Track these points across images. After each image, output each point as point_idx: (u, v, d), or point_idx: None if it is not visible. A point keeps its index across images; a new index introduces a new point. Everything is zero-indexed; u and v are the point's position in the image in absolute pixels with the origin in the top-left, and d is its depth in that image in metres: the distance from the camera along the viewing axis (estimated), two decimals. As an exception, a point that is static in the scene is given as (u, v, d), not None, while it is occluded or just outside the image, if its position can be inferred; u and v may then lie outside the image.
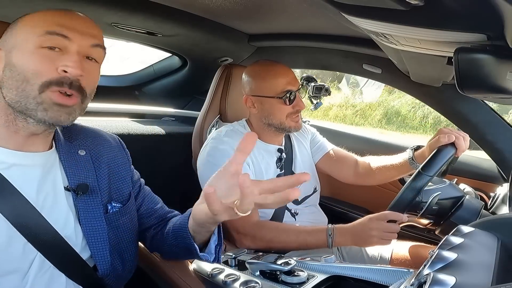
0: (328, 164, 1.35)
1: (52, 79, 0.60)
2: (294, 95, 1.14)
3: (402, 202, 0.97)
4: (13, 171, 0.62)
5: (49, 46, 0.61)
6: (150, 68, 1.99)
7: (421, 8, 0.49)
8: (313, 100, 1.93)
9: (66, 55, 0.61)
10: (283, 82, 1.14)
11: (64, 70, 0.60)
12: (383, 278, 0.73)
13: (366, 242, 1.00)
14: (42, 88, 0.60)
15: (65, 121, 0.63)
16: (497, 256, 0.49)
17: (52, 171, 0.67)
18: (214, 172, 1.09)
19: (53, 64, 0.60)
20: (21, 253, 0.61)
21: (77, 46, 0.62)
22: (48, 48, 0.61)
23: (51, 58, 0.61)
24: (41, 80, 0.60)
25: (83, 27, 0.64)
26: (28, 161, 0.65)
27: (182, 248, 0.74)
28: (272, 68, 1.18)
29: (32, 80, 0.60)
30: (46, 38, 0.60)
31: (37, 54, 0.60)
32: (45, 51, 0.61)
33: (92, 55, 0.66)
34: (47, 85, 0.60)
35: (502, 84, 0.56)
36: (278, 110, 1.15)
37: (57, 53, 0.61)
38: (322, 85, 1.84)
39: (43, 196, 0.65)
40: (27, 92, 0.60)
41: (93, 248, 0.69)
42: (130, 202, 0.78)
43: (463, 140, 1.01)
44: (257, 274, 0.77)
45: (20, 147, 0.64)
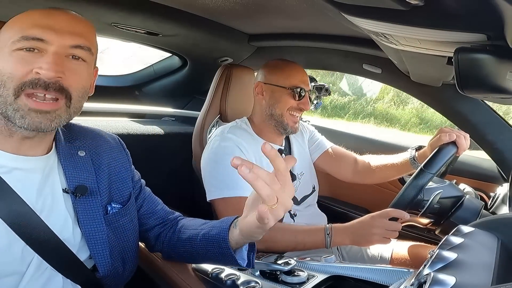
0: (327, 162, 1.35)
1: (26, 81, 0.58)
2: (304, 94, 1.18)
3: (404, 200, 0.96)
4: (14, 175, 0.62)
5: (26, 47, 0.59)
6: (150, 68, 1.99)
7: (421, 8, 0.49)
8: (313, 100, 1.93)
9: (43, 57, 0.59)
10: (297, 79, 1.19)
11: (37, 72, 0.58)
12: (383, 278, 0.73)
13: (367, 241, 0.99)
14: (16, 92, 0.58)
15: (47, 128, 0.60)
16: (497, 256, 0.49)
17: (52, 174, 0.67)
18: (217, 170, 1.10)
19: (28, 66, 0.58)
20: (20, 256, 0.61)
21: (55, 47, 0.59)
22: (25, 50, 0.59)
23: (27, 60, 0.58)
24: (15, 83, 0.58)
25: (62, 26, 0.60)
26: (28, 165, 0.65)
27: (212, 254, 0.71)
28: (292, 65, 1.23)
29: (7, 84, 0.58)
30: (21, 43, 0.58)
31: (13, 57, 0.58)
32: (22, 53, 0.59)
33: (76, 54, 0.63)
34: (20, 87, 0.58)
35: (502, 84, 0.56)
36: (283, 100, 1.18)
37: (34, 55, 0.59)
38: (322, 85, 1.84)
39: (42, 199, 0.65)
40: (4, 98, 0.58)
41: (93, 249, 0.69)
42: (130, 202, 0.78)
43: (464, 139, 1.01)
44: (257, 274, 0.77)
45: (16, 150, 0.64)
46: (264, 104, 1.21)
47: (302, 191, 1.27)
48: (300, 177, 1.27)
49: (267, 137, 1.22)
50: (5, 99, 0.58)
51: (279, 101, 1.18)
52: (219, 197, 1.08)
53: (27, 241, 0.61)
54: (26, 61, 0.59)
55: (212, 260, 0.76)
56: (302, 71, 1.22)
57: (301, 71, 1.21)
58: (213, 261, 0.77)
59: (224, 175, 1.09)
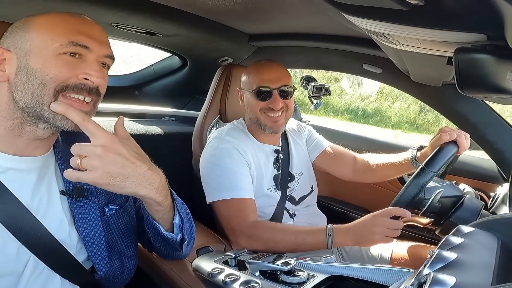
0: (325, 161, 1.35)
1: (70, 84, 0.61)
2: (270, 93, 1.14)
3: (405, 198, 0.96)
4: (9, 175, 0.62)
5: (71, 52, 0.62)
6: (150, 68, 1.99)
7: (421, 8, 0.49)
8: (313, 100, 1.93)
9: (86, 63, 0.63)
10: (261, 79, 1.16)
11: (85, 78, 0.62)
12: (383, 278, 0.73)
13: (368, 241, 0.99)
14: (56, 92, 0.61)
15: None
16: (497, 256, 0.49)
17: (48, 175, 0.67)
18: (216, 172, 1.10)
19: (73, 71, 0.62)
20: (15, 255, 0.61)
21: (96, 55, 0.64)
22: (69, 55, 0.62)
23: (72, 65, 0.62)
24: (57, 84, 0.61)
25: (100, 36, 0.66)
26: (24, 165, 0.64)
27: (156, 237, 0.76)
28: (260, 65, 1.20)
29: (49, 84, 0.60)
30: (70, 48, 0.62)
31: (58, 60, 0.61)
32: (67, 57, 0.62)
33: (105, 62, 0.68)
34: (62, 89, 0.61)
35: (502, 84, 0.56)
36: (252, 104, 1.17)
37: (77, 60, 0.63)
38: (322, 85, 1.84)
39: (38, 199, 0.65)
40: (42, 97, 0.60)
41: (90, 251, 0.69)
42: (128, 204, 0.78)
43: (464, 138, 1.01)
44: (257, 274, 0.77)
45: (20, 152, 0.64)
46: (245, 109, 1.23)
47: (300, 191, 1.27)
48: (299, 177, 1.27)
49: (262, 138, 1.22)
50: (43, 99, 0.61)
51: (250, 105, 1.18)
52: (219, 199, 1.08)
53: (22, 241, 0.61)
54: (71, 65, 0.62)
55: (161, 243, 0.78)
56: (269, 69, 1.17)
57: (268, 69, 1.17)
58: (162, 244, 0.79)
59: (224, 177, 1.09)
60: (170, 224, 0.75)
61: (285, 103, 1.16)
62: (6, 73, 0.62)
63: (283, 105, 1.15)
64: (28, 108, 0.61)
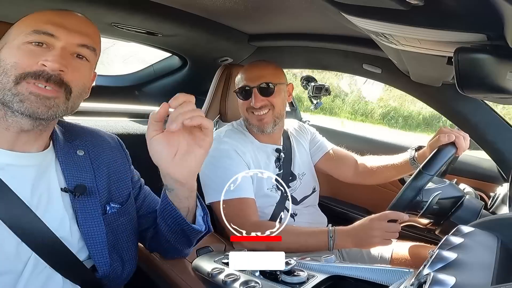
0: (328, 164, 1.35)
1: (30, 71, 0.60)
2: (250, 91, 1.15)
3: (402, 201, 0.96)
4: (7, 171, 0.62)
5: (36, 41, 0.61)
6: (150, 68, 1.99)
7: (421, 8, 0.49)
8: (313, 100, 1.93)
9: (50, 51, 0.62)
10: (242, 78, 1.18)
11: (43, 64, 0.60)
12: (383, 278, 0.73)
13: (368, 243, 1.00)
14: (17, 79, 0.60)
15: (43, 114, 0.61)
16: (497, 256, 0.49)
17: (48, 172, 0.67)
18: (215, 173, 1.10)
19: (34, 59, 0.61)
20: (14, 253, 0.61)
21: (63, 43, 0.63)
22: (34, 44, 0.61)
23: (34, 53, 0.61)
24: (17, 71, 0.60)
25: (72, 25, 0.64)
26: (22, 161, 0.64)
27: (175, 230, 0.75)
28: (247, 65, 1.23)
29: (9, 71, 0.60)
30: (33, 36, 0.61)
31: (21, 49, 0.61)
32: (30, 47, 0.62)
33: (81, 53, 0.66)
34: (23, 76, 0.60)
35: (502, 84, 0.56)
36: (239, 104, 1.20)
37: (42, 49, 0.62)
38: (322, 85, 1.84)
39: (38, 196, 0.64)
40: (3, 84, 0.60)
41: (92, 249, 0.68)
42: (129, 202, 0.78)
43: (463, 139, 1.01)
44: (257, 274, 0.77)
45: (12, 146, 0.64)
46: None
47: (302, 192, 1.27)
48: (301, 177, 1.27)
49: (261, 138, 1.22)
50: (4, 86, 0.60)
51: (239, 106, 1.21)
52: (219, 200, 1.08)
53: (21, 238, 0.61)
54: (33, 53, 0.61)
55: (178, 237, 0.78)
56: (252, 68, 1.19)
57: (251, 69, 1.19)
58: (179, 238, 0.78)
59: (223, 177, 1.09)
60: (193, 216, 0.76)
61: (268, 101, 1.15)
62: None
63: (265, 103, 1.14)
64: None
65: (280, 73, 1.21)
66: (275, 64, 1.22)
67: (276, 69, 1.20)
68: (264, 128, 1.17)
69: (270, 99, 1.15)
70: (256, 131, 1.18)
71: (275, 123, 1.19)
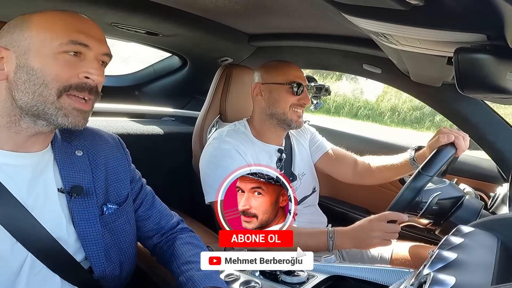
0: (327, 164, 1.35)
1: (72, 83, 0.62)
2: (302, 88, 1.18)
3: (402, 202, 0.96)
4: (4, 171, 0.62)
5: (71, 51, 0.62)
6: (150, 68, 1.99)
7: (421, 8, 0.49)
8: (313, 100, 1.93)
9: (86, 61, 0.63)
10: (293, 74, 1.19)
11: (86, 76, 0.63)
12: (383, 278, 0.73)
13: (367, 244, 1.00)
14: (60, 92, 0.61)
15: (82, 126, 0.65)
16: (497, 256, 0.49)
17: (45, 172, 0.67)
18: (216, 172, 1.10)
19: (74, 70, 0.62)
20: (9, 252, 0.60)
21: (95, 54, 0.65)
22: (69, 54, 0.62)
23: (73, 64, 0.62)
24: (60, 84, 0.61)
25: (98, 34, 0.66)
26: (19, 161, 0.64)
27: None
28: (286, 63, 1.24)
29: (50, 84, 0.61)
30: (70, 46, 0.62)
31: (59, 59, 0.61)
32: (67, 57, 0.62)
33: (104, 61, 0.68)
34: (66, 89, 0.61)
35: (502, 84, 0.56)
36: (284, 98, 1.18)
37: (77, 59, 0.63)
38: (322, 85, 1.84)
39: (34, 196, 0.64)
40: (44, 97, 0.61)
41: (88, 250, 0.68)
42: (127, 203, 0.77)
43: (463, 140, 1.00)
44: (257, 274, 0.77)
45: (17, 148, 0.64)
46: (263, 104, 1.20)
47: (302, 192, 1.27)
48: (301, 178, 1.27)
49: (266, 139, 1.22)
50: (46, 98, 0.61)
51: (279, 99, 1.18)
52: (219, 199, 1.08)
53: (16, 237, 0.60)
54: (71, 64, 0.62)
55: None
56: (296, 67, 1.22)
57: (295, 67, 1.22)
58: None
59: (224, 177, 1.09)
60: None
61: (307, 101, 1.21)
62: (4, 71, 0.62)
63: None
64: (28, 107, 0.61)
65: None
66: None
67: None
68: (300, 125, 1.22)
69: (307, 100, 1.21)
70: (294, 126, 1.21)
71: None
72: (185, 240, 0.83)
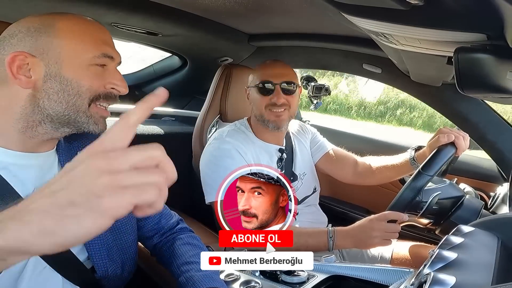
0: (327, 164, 1.35)
1: (101, 93, 0.66)
2: (273, 87, 1.15)
3: (402, 202, 0.96)
4: (11, 171, 0.62)
5: (100, 64, 0.65)
6: (150, 68, 1.99)
7: (421, 8, 0.49)
8: (313, 100, 1.93)
9: (109, 72, 0.67)
10: (264, 74, 1.17)
11: (113, 88, 0.67)
12: (383, 278, 0.73)
13: (368, 244, 1.00)
14: (90, 102, 0.65)
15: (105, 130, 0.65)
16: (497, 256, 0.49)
17: (50, 172, 0.67)
18: (216, 172, 1.10)
19: (101, 81, 0.66)
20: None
21: (115, 64, 0.69)
22: (98, 65, 0.65)
23: (101, 76, 0.66)
24: (91, 94, 0.65)
25: (113, 43, 0.69)
26: (26, 161, 0.64)
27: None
28: (266, 62, 1.21)
29: (84, 94, 0.64)
30: (101, 59, 0.65)
31: (90, 71, 0.64)
32: (97, 69, 0.65)
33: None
34: (95, 99, 0.66)
35: (502, 84, 0.56)
36: (257, 100, 1.17)
37: (103, 70, 0.67)
38: (322, 85, 1.84)
39: None
40: (77, 107, 0.64)
41: (91, 250, 0.69)
42: None
43: (463, 139, 1.01)
44: (257, 274, 0.77)
45: (26, 149, 0.64)
46: (251, 107, 1.23)
47: (303, 192, 1.27)
48: (302, 177, 1.28)
49: (265, 138, 1.22)
50: (78, 108, 0.64)
51: (255, 102, 1.19)
52: (220, 199, 1.08)
53: None
54: (100, 76, 0.66)
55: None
56: (273, 66, 1.18)
57: (272, 66, 1.18)
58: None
59: (224, 177, 1.08)
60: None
61: (287, 100, 1.15)
62: (32, 79, 0.61)
63: (285, 101, 1.15)
64: (59, 116, 0.63)
65: (296, 75, 1.23)
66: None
67: (294, 71, 1.22)
68: (281, 124, 1.17)
69: (290, 98, 1.16)
70: (272, 128, 1.18)
71: (288, 122, 1.21)
72: (185, 241, 0.83)
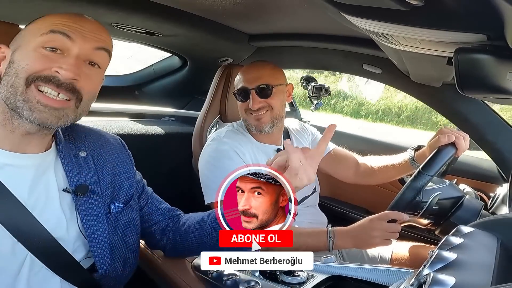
0: (329, 164, 1.35)
1: (41, 75, 0.60)
2: (248, 93, 1.15)
3: (402, 202, 0.96)
4: (5, 172, 0.62)
5: (51, 47, 0.61)
6: (150, 68, 1.99)
7: (421, 8, 0.49)
8: (313, 100, 1.93)
9: (63, 57, 0.62)
10: (241, 79, 1.18)
11: (56, 71, 0.60)
12: (383, 278, 0.73)
13: (368, 244, 0.99)
14: (28, 81, 0.60)
15: (53, 124, 0.62)
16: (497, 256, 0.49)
17: (47, 173, 0.67)
18: (215, 173, 1.10)
19: (48, 64, 0.61)
20: (10, 252, 0.61)
21: (78, 49, 0.63)
22: (49, 49, 0.61)
23: (49, 58, 0.61)
24: (28, 74, 0.60)
25: (88, 29, 0.64)
26: (21, 162, 0.64)
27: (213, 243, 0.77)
28: (246, 66, 1.22)
29: (20, 74, 0.60)
30: (49, 36, 0.61)
31: (36, 52, 0.61)
32: (45, 51, 0.61)
33: (94, 59, 0.66)
34: (34, 79, 0.60)
35: (502, 84, 0.56)
36: (238, 105, 1.20)
37: (57, 55, 0.62)
38: (322, 85, 1.84)
39: (35, 197, 0.64)
40: (15, 87, 0.60)
41: (94, 248, 0.69)
42: (133, 202, 0.78)
43: (463, 140, 1.01)
44: (257, 274, 0.77)
45: (15, 148, 0.64)
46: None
47: (302, 192, 1.27)
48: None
49: (261, 139, 1.22)
50: (16, 89, 0.60)
51: (238, 107, 1.21)
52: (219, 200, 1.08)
53: (17, 237, 0.61)
54: (47, 59, 0.61)
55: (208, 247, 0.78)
56: (250, 70, 1.18)
57: (248, 70, 1.18)
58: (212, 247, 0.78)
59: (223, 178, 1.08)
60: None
61: (266, 102, 1.15)
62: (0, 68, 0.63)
63: (263, 104, 1.14)
64: (5, 100, 0.61)
65: (279, 74, 1.20)
66: (273, 64, 1.22)
67: (275, 70, 1.19)
68: (262, 127, 1.17)
69: (268, 101, 1.15)
70: (254, 130, 1.18)
71: (273, 123, 1.18)
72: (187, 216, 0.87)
